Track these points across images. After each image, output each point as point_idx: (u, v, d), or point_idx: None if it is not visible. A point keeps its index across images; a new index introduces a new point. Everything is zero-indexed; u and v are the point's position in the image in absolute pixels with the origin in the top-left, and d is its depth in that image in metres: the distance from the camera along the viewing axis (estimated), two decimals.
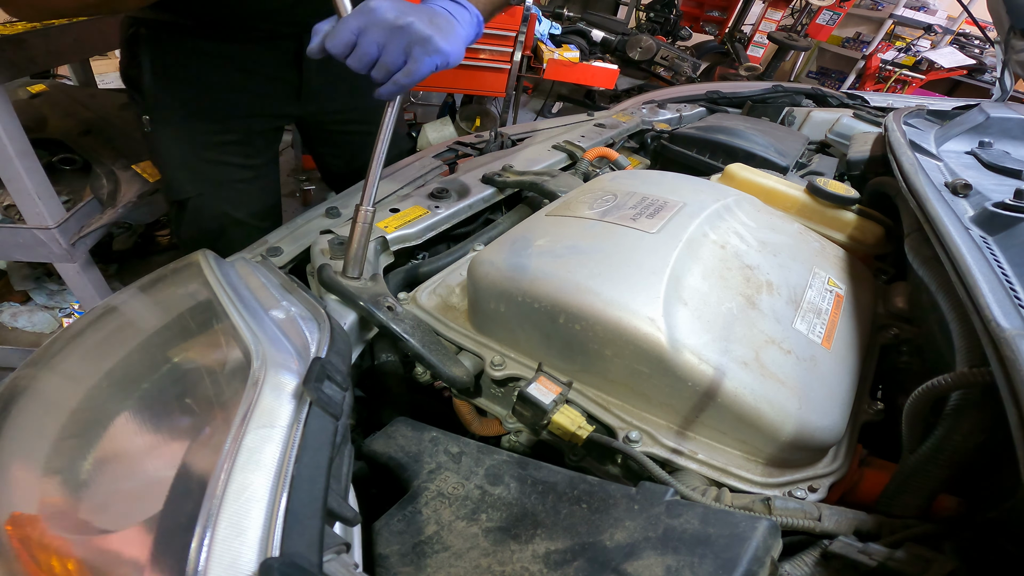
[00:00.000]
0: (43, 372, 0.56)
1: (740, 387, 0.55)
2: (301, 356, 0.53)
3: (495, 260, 0.67)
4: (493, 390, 0.71)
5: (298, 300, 0.64)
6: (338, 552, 0.40)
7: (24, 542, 0.41)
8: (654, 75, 4.22)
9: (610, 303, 0.58)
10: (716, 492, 0.54)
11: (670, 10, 4.38)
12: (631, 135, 1.49)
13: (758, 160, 1.19)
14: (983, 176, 0.92)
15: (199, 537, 0.36)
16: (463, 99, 3.56)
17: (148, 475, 0.45)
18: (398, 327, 0.68)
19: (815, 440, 0.56)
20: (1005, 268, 0.57)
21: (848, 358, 0.66)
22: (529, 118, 4.03)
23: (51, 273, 1.81)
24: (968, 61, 5.00)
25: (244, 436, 0.42)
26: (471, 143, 1.32)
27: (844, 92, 1.87)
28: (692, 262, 0.64)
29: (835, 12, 5.04)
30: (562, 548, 0.47)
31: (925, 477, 0.51)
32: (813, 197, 0.93)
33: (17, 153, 1.19)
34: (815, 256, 0.78)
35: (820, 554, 0.48)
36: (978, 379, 0.48)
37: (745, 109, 1.74)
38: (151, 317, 0.62)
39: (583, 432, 0.59)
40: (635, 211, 0.72)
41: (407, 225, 0.88)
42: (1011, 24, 1.50)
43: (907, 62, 5.26)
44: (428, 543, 0.50)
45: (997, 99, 1.76)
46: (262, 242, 0.85)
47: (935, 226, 0.66)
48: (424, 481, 0.56)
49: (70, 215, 1.36)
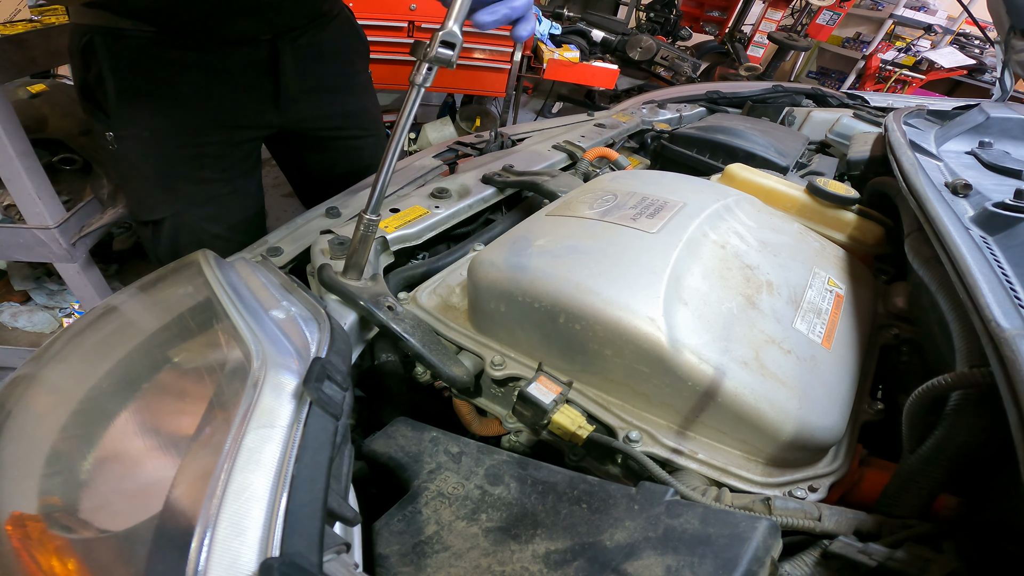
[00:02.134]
0: (43, 372, 0.56)
1: (740, 387, 0.55)
2: (301, 356, 0.53)
3: (495, 260, 0.67)
4: (493, 390, 0.71)
5: (298, 300, 0.64)
6: (338, 552, 0.40)
7: (24, 542, 0.41)
8: (654, 75, 4.22)
9: (610, 303, 0.58)
10: (716, 492, 0.54)
11: (670, 10, 4.38)
12: (631, 135, 1.49)
13: (758, 160, 1.19)
14: (983, 176, 0.92)
15: (199, 537, 0.36)
16: (463, 99, 3.56)
17: (148, 475, 0.45)
18: (398, 327, 0.68)
19: (815, 440, 0.56)
20: (1005, 268, 0.57)
21: (848, 358, 0.66)
22: (529, 118, 4.03)
23: (51, 273, 1.81)
24: (968, 61, 5.00)
25: (244, 436, 0.42)
26: (471, 143, 1.32)
27: (844, 92, 1.87)
28: (692, 262, 0.64)
29: (835, 12, 5.04)
30: (562, 548, 0.47)
31: (925, 477, 0.51)
32: (813, 197, 0.93)
33: (17, 153, 1.19)
34: (815, 256, 0.78)
35: (820, 554, 0.48)
36: (978, 379, 0.48)
37: (745, 109, 1.74)
38: (151, 317, 0.62)
39: (583, 432, 0.59)
40: (635, 211, 0.72)
41: (407, 225, 0.88)
42: (1011, 24, 1.50)
43: (907, 62, 5.26)
44: (428, 543, 0.50)
45: (997, 99, 1.76)
46: (262, 242, 0.85)
47: (935, 226, 0.66)
48: (424, 481, 0.56)
49: (70, 215, 1.36)
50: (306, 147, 1.30)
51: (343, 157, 1.34)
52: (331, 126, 1.26)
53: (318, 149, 1.31)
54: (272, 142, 1.30)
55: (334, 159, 1.33)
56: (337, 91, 1.23)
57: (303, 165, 1.37)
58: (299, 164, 1.38)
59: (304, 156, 1.33)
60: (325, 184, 1.32)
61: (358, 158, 1.35)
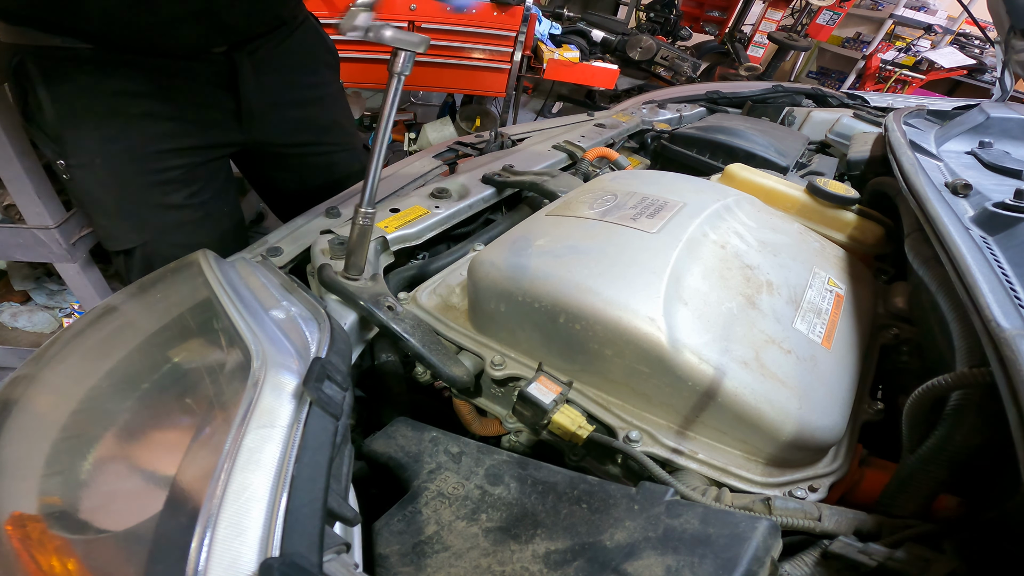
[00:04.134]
0: (43, 372, 0.56)
1: (740, 387, 0.55)
2: (301, 356, 0.53)
3: (495, 260, 0.67)
4: (493, 390, 0.71)
5: (298, 300, 0.64)
6: (338, 552, 0.40)
7: (24, 542, 0.41)
8: (654, 75, 4.22)
9: (610, 303, 0.58)
10: (716, 492, 0.54)
11: (670, 10, 4.38)
12: (631, 135, 1.49)
13: (758, 160, 1.19)
14: (983, 176, 0.92)
15: (199, 537, 0.36)
16: (463, 99, 3.56)
17: (148, 475, 0.45)
18: (398, 327, 0.68)
19: (815, 440, 0.56)
20: (1005, 268, 0.57)
21: (848, 358, 0.66)
22: (529, 118, 4.03)
23: (51, 273, 1.81)
24: (968, 61, 5.00)
25: (244, 436, 0.42)
26: (471, 143, 1.32)
27: (844, 92, 1.87)
28: (692, 262, 0.64)
29: (835, 12, 5.04)
30: (562, 548, 0.47)
31: (925, 477, 0.51)
32: (813, 197, 0.93)
33: (17, 153, 1.19)
34: (815, 256, 0.78)
35: (820, 554, 0.48)
36: (978, 379, 0.48)
37: (745, 109, 1.74)
38: (151, 317, 0.62)
39: (583, 432, 0.59)
40: (635, 211, 0.72)
41: (407, 225, 0.88)
42: (1011, 24, 1.50)
43: (907, 62, 5.26)
44: (428, 543, 0.50)
45: (997, 99, 1.76)
46: (262, 242, 0.85)
47: (935, 226, 0.66)
48: (424, 481, 0.56)
49: (70, 215, 1.36)
50: (275, 165, 1.23)
51: (315, 173, 1.26)
52: (300, 141, 1.19)
53: (287, 167, 1.23)
54: (238, 160, 1.22)
55: (305, 176, 1.25)
56: (305, 104, 1.15)
57: (272, 183, 1.29)
58: (268, 182, 1.30)
59: (272, 174, 1.26)
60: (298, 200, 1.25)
61: (331, 173, 1.28)
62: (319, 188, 1.25)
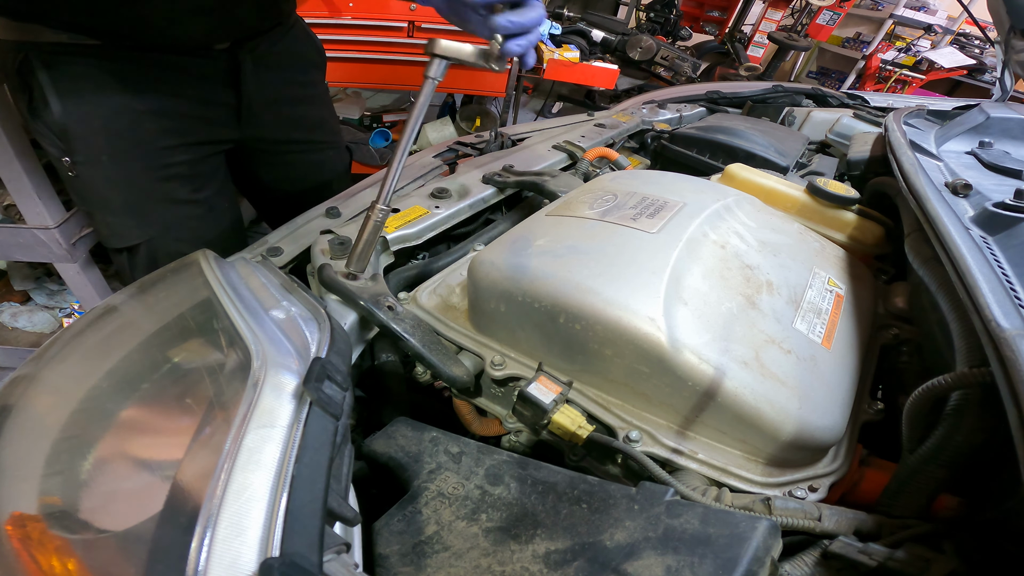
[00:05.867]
0: (43, 372, 0.56)
1: (740, 387, 0.55)
2: (301, 356, 0.53)
3: (495, 260, 0.67)
4: (493, 390, 0.71)
5: (298, 300, 0.64)
6: (338, 552, 0.40)
7: (24, 542, 0.41)
8: (654, 75, 4.22)
9: (610, 303, 0.58)
10: (716, 492, 0.54)
11: (670, 10, 4.37)
12: (631, 135, 1.49)
13: (758, 160, 1.19)
14: (983, 176, 0.92)
15: (199, 537, 0.36)
16: (463, 99, 3.56)
17: (148, 475, 0.45)
18: (398, 327, 0.68)
19: (815, 440, 0.56)
20: (1005, 268, 0.57)
21: (848, 358, 0.66)
22: (529, 118, 4.03)
23: (51, 273, 1.81)
24: (968, 61, 4.99)
25: (244, 436, 0.42)
26: (471, 143, 1.31)
27: (844, 92, 1.87)
28: (692, 262, 0.64)
29: (835, 12, 5.03)
30: (562, 548, 0.47)
31: (925, 477, 0.51)
32: (813, 197, 0.93)
33: (17, 153, 1.19)
34: (815, 256, 0.78)
35: (820, 554, 0.48)
36: (978, 379, 0.48)
37: (745, 109, 1.74)
38: (151, 317, 0.62)
39: (583, 432, 0.59)
40: (635, 211, 0.72)
41: (407, 225, 0.88)
42: (1011, 24, 1.50)
43: (907, 62, 5.26)
44: (428, 543, 0.50)
45: (997, 99, 1.76)
46: (262, 242, 0.85)
47: (935, 226, 0.66)
48: (424, 481, 0.56)
49: (70, 215, 1.36)
50: (264, 163, 1.24)
51: (302, 172, 1.28)
52: (290, 139, 1.21)
53: (275, 163, 1.24)
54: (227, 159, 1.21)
55: (293, 173, 1.27)
56: (298, 102, 1.18)
57: (260, 182, 1.29)
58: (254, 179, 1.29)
59: (259, 172, 1.26)
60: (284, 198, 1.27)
61: (319, 171, 1.30)
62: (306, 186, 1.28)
